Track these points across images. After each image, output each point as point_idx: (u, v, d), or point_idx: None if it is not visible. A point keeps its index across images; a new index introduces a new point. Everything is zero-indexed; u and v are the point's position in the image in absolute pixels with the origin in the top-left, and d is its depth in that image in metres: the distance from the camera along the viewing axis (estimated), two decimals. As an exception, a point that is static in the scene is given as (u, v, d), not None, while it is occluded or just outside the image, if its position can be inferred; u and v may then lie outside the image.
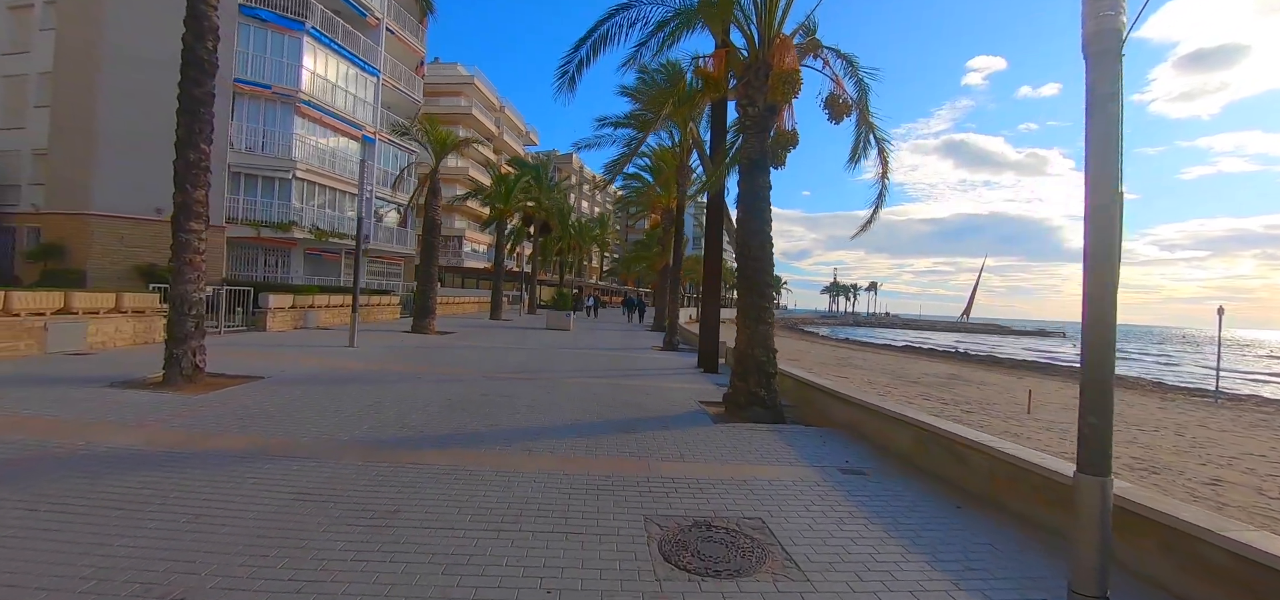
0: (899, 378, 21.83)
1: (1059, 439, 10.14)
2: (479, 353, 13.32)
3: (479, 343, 15.90)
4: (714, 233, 12.23)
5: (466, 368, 10.75)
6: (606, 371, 11.36)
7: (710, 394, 9.20)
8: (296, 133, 23.94)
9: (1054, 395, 18.65)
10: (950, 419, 7.98)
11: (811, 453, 5.86)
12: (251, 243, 23.47)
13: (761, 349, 7.49)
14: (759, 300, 7.56)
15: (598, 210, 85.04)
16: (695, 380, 10.86)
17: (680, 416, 7.37)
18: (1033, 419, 12.80)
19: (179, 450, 4.79)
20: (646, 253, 41.63)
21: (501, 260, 27.97)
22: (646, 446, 5.75)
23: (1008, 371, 29.40)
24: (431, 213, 17.73)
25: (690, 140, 17.40)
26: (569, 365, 11.90)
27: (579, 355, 13.94)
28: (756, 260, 7.60)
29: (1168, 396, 22.34)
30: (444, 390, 8.24)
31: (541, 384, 9.30)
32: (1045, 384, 23.38)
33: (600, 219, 69.21)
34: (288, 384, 7.97)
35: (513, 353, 13.66)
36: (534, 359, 12.64)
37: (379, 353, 12.26)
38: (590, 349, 15.90)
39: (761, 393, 7.40)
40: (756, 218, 7.65)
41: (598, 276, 77.88)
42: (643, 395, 8.78)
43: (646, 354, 15.52)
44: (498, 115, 62.31)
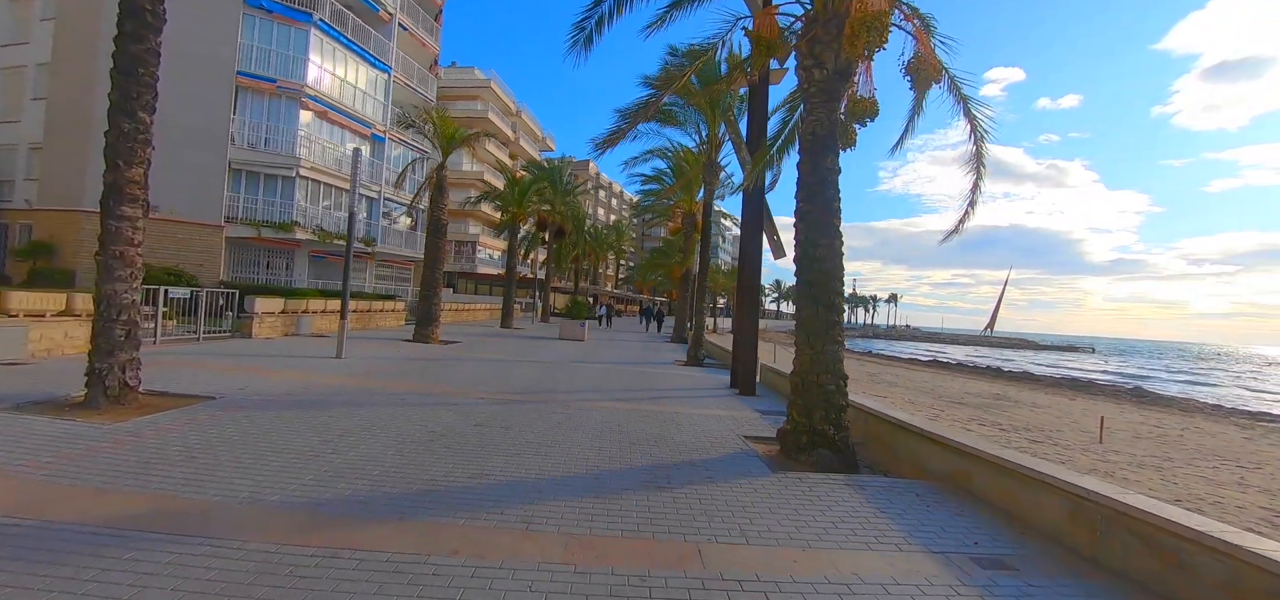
0: (941, 397, 19.88)
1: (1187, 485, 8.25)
2: (483, 367, 11.82)
3: (485, 354, 14.43)
4: (751, 234, 10.63)
5: (465, 386, 9.25)
6: (626, 392, 9.79)
7: (754, 425, 7.58)
8: (301, 129, 22.84)
9: (1117, 420, 16.65)
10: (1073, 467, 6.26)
11: (920, 524, 4.21)
12: (252, 243, 22.36)
13: (830, 375, 5.86)
14: (827, 314, 5.93)
15: (614, 217, 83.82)
16: (731, 405, 9.23)
17: (726, 460, 5.75)
18: (1115, 452, 10.91)
19: (16, 519, 3.30)
20: (665, 260, 40.06)
21: (514, 266, 26.60)
22: (690, 512, 4.15)
23: (1053, 391, 27.18)
24: (437, 213, 16.36)
25: (717, 138, 15.86)
26: (583, 383, 10.35)
27: (594, 370, 12.38)
28: (822, 264, 5.99)
29: (1242, 424, 20.06)
30: (431, 418, 6.72)
31: (550, 409, 7.75)
32: (1099, 405, 21.23)
33: (616, 226, 67.96)
34: (240, 408, 6.51)
35: (520, 367, 12.15)
36: (544, 375, 11.11)
37: (369, 365, 10.82)
38: (607, 363, 14.35)
39: (829, 431, 5.76)
40: (822, 209, 6.05)
41: (613, 284, 76.49)
42: (673, 426, 7.18)
43: (669, 370, 13.92)
44: (514, 120, 61.52)
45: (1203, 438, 14.25)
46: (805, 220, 6.13)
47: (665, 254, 41.86)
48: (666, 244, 43.69)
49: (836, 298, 5.98)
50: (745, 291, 10.65)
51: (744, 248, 11.11)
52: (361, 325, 19.19)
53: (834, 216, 6.05)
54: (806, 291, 6.07)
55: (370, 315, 19.87)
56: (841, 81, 6.00)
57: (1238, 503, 7.27)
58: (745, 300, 10.62)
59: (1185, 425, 17.14)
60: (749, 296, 10.59)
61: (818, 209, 6.05)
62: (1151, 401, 28.06)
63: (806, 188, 6.14)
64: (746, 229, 11.15)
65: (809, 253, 6.05)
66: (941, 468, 5.43)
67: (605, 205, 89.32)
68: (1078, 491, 4.00)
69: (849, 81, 6.01)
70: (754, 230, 10.62)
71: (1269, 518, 6.71)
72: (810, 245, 6.04)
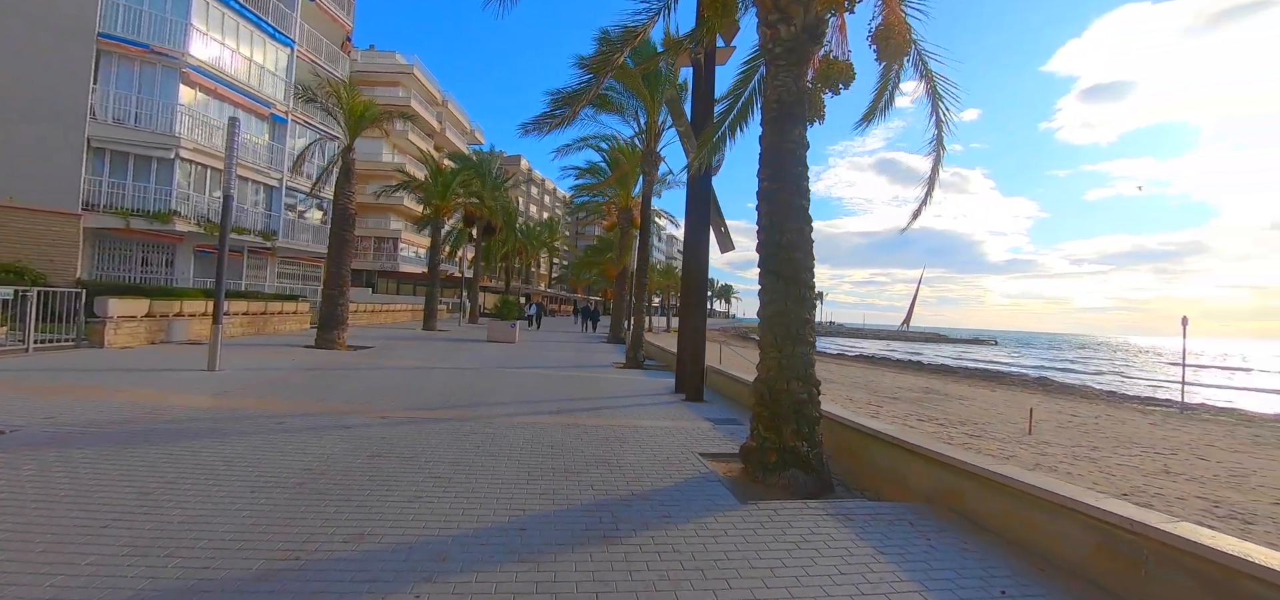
0: (877, 392, 20.03)
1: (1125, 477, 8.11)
2: (393, 376, 10.27)
3: (399, 361, 12.78)
4: (697, 225, 9.77)
5: (367, 401, 7.77)
6: (561, 401, 8.65)
7: (709, 438, 6.66)
8: (183, 105, 19.87)
9: (1037, 410, 17.30)
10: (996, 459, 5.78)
11: (930, 568, 3.40)
12: (121, 236, 19.17)
13: (801, 382, 5.02)
14: (797, 310, 5.09)
15: (547, 214, 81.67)
16: (679, 413, 8.30)
17: (684, 489, 4.77)
18: (1048, 444, 10.93)
19: None
20: (599, 258, 38.95)
21: (437, 263, 24.59)
22: (648, 575, 3.12)
23: (973, 382, 28.44)
24: (343, 201, 14.44)
25: (657, 126, 14.97)
26: (512, 393, 9.10)
27: (525, 377, 11.12)
28: (791, 252, 5.14)
29: (1141, 410, 21.54)
30: (312, 448, 5.30)
31: (469, 428, 6.49)
32: (1017, 396, 22.20)
33: (549, 223, 66.11)
34: (41, 445, 4.84)
35: (439, 374, 10.69)
36: (466, 384, 9.75)
37: (248, 380, 9.03)
38: (539, 368, 13.09)
39: (801, 448, 4.91)
40: (790, 189, 5.20)
41: (547, 283, 74.42)
42: (617, 445, 6.13)
43: (608, 374, 12.87)
44: (440, 110, 58.27)
45: (1115, 425, 14.87)
46: (770, 201, 5.26)
47: (600, 251, 40.74)
48: (601, 241, 42.57)
49: (807, 290, 5.16)
50: (691, 288, 9.77)
51: (689, 240, 10.25)
52: (255, 330, 16.81)
53: (803, 197, 5.22)
54: (772, 284, 5.20)
55: (266, 318, 17.47)
56: (811, 42, 5.18)
57: (1176, 493, 7.16)
58: (691, 298, 9.74)
59: (1096, 413, 17.98)
60: (695, 293, 9.72)
61: (784, 188, 5.20)
62: (1057, 390, 30.03)
63: (771, 164, 5.27)
64: (691, 220, 10.29)
65: (774, 239, 5.19)
66: (927, 485, 4.71)
67: (538, 202, 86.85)
68: (1107, 519, 3.32)
69: (819, 42, 5.20)
70: (700, 221, 9.76)
71: (1208, 508, 6.57)
72: (776, 230, 5.18)
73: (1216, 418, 18.99)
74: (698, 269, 9.64)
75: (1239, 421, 18.63)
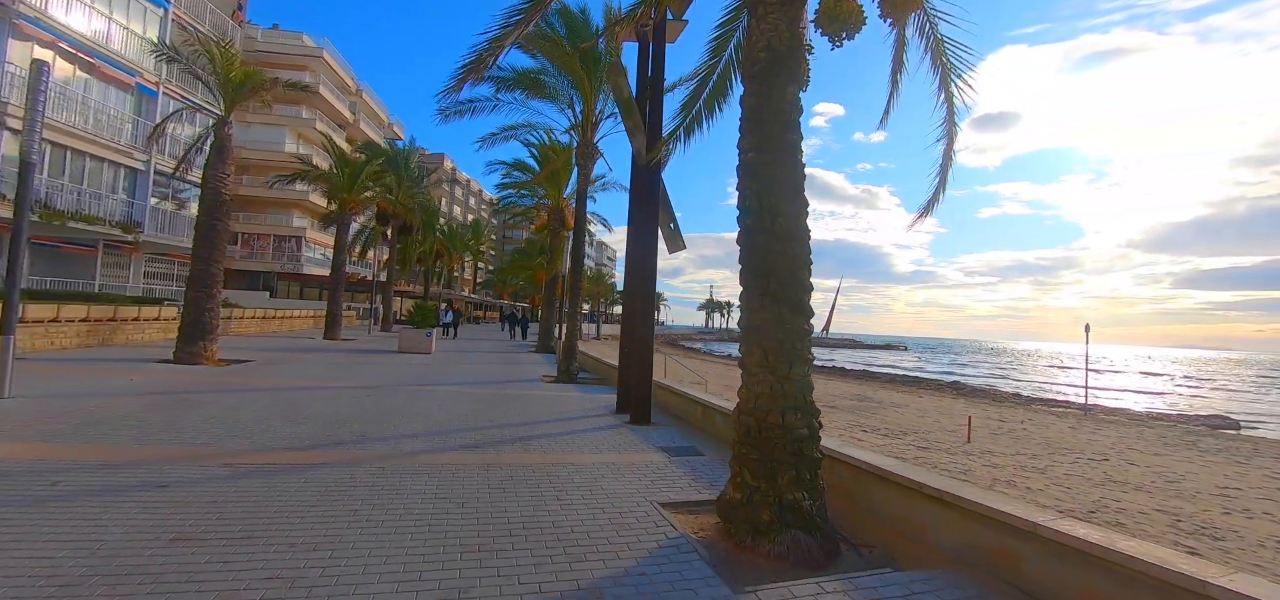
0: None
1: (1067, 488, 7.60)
2: (267, 402, 8.21)
3: (280, 380, 10.56)
4: (643, 221, 8.48)
5: (216, 440, 5.83)
6: (481, 429, 7.04)
7: (668, 478, 5.34)
8: (12, 64, 16.26)
9: (964, 415, 17.47)
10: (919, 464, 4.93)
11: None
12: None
13: (800, 414, 3.82)
14: (794, 319, 3.89)
15: (472, 217, 77.92)
16: (627, 442, 6.94)
17: (648, 566, 3.41)
18: (990, 453, 10.53)
19: None
20: (528, 261, 36.93)
21: (342, 264, 21.83)
22: None
23: (899, 388, 29.03)
24: (215, 184, 11.96)
25: (594, 114, 13.60)
26: (418, 420, 7.37)
27: (438, 398, 9.36)
28: (785, 245, 3.96)
29: (1052, 413, 22.53)
30: (87, 522, 3.48)
31: (351, 479, 4.80)
32: (943, 402, 22.61)
33: (474, 225, 62.89)
34: None
35: (328, 397, 8.72)
36: (360, 410, 7.88)
37: (48, 412, 6.74)
38: (457, 384, 11.29)
39: (802, 500, 3.71)
40: (783, 163, 4.02)
41: (472, 288, 70.77)
42: (552, 495, 4.67)
43: (537, 391, 11.29)
44: (354, 99, 53.90)
45: (1040, 429, 15.04)
46: (756, 178, 4.05)
47: (528, 255, 38.68)
48: (530, 243, 40.50)
49: (805, 294, 3.98)
50: (637, 293, 8.46)
51: (634, 238, 8.95)
52: (99, 341, 13.74)
53: (799, 173, 4.06)
54: (759, 286, 3.98)
55: (117, 327, 14.38)
56: (808, -25, 4.04)
57: (1136, 507, 6.71)
58: (637, 303, 8.43)
59: (1019, 417, 18.33)
60: (642, 299, 8.41)
61: (776, 161, 4.01)
62: (971, 393, 31.37)
63: (757, 131, 4.07)
64: (637, 216, 9.00)
65: (764, 226, 3.97)
66: (956, 542, 3.64)
67: (463, 204, 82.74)
68: None
69: (817, -23, 4.06)
70: (647, 217, 8.48)
71: (1172, 524, 6.09)
72: (766, 216, 3.97)
73: (1115, 419, 20.16)
74: (645, 270, 8.34)
75: (1135, 422, 19.81)
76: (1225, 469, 10.33)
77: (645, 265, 8.33)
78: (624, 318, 9.13)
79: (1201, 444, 14.40)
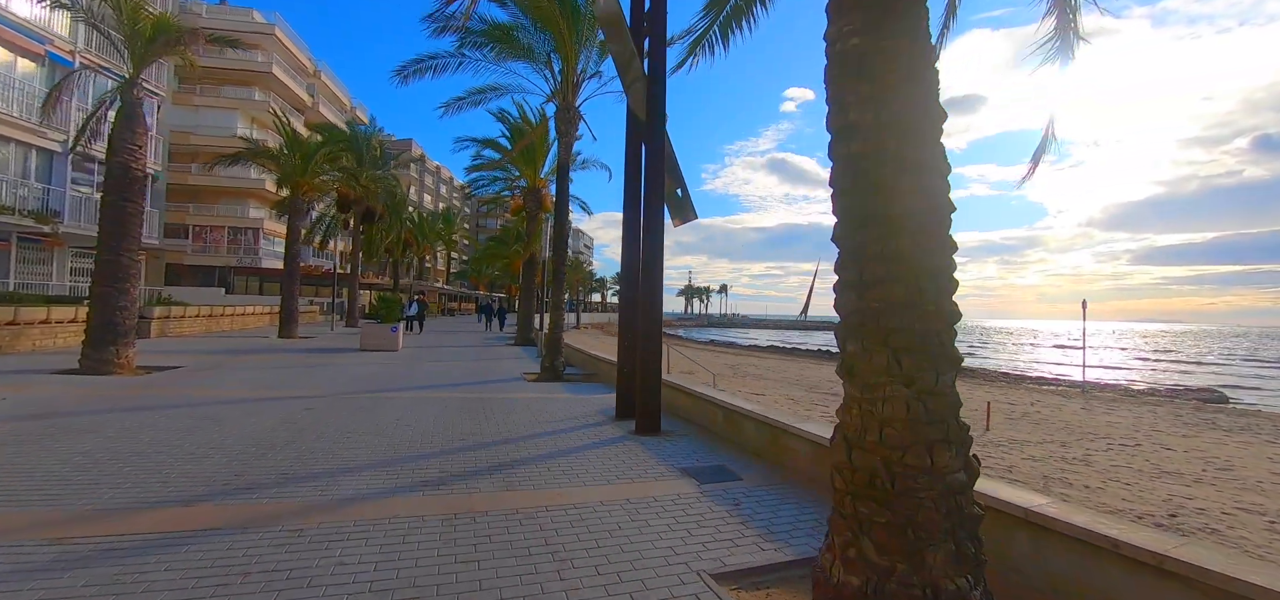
0: (816, 389, 18.41)
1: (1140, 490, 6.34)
2: (175, 425, 6.47)
3: (209, 391, 8.78)
4: (651, 176, 6.93)
5: (63, 498, 4.13)
6: (448, 454, 5.47)
7: (708, 524, 3.85)
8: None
9: (971, 398, 16.50)
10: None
11: None
12: None
13: (950, 448, 2.37)
14: (932, 321, 2.43)
15: (444, 206, 75.11)
16: (637, 464, 5.43)
17: None
18: (1022, 442, 9.36)
19: None
20: (504, 249, 35.01)
21: (296, 254, 19.73)
22: None
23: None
24: (124, 159, 9.99)
25: (576, 74, 11.91)
26: (366, 445, 5.75)
27: (397, 410, 7.71)
28: (918, 173, 2.48)
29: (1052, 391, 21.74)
30: None
31: (243, 561, 3.19)
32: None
33: (445, 214, 60.36)
34: None
35: (255, 416, 7.00)
36: (293, 433, 6.21)
37: None
38: (422, 388, 9.64)
39: (963, 587, 2.27)
40: (908, 54, 2.53)
41: (445, 280, 68.26)
42: (553, 568, 3.14)
43: (517, 390, 9.72)
44: (311, 81, 50.83)
45: (1052, 412, 14.10)
46: (869, 75, 2.55)
47: (504, 242, 36.71)
48: (505, 230, 38.52)
49: (949, 261, 2.53)
50: (641, 274, 6.91)
51: (633, 211, 7.41)
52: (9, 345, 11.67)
53: (931, 71, 2.58)
54: (881, 247, 2.50)
55: (16, 331, 12.27)
56: None
57: (1219, 508, 5.56)
58: (642, 285, 6.88)
59: (1030, 400, 17.36)
60: (646, 279, 6.87)
61: (900, 51, 2.52)
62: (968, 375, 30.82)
63: (865, 65, 2.56)
64: (636, 183, 7.46)
65: (885, 151, 2.49)
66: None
67: (433, 191, 79.71)
68: None
69: None
70: (652, 184, 6.93)
71: (1270, 527, 4.96)
72: (889, 133, 2.48)
73: (1117, 397, 19.49)
74: (650, 246, 6.79)
75: (1135, 399, 19.12)
76: (1264, 450, 9.52)
77: (651, 242, 6.78)
78: (622, 305, 7.60)
79: (1220, 422, 13.62)
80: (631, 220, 7.52)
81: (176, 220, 42.24)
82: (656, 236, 6.79)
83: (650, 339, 6.72)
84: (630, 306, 7.45)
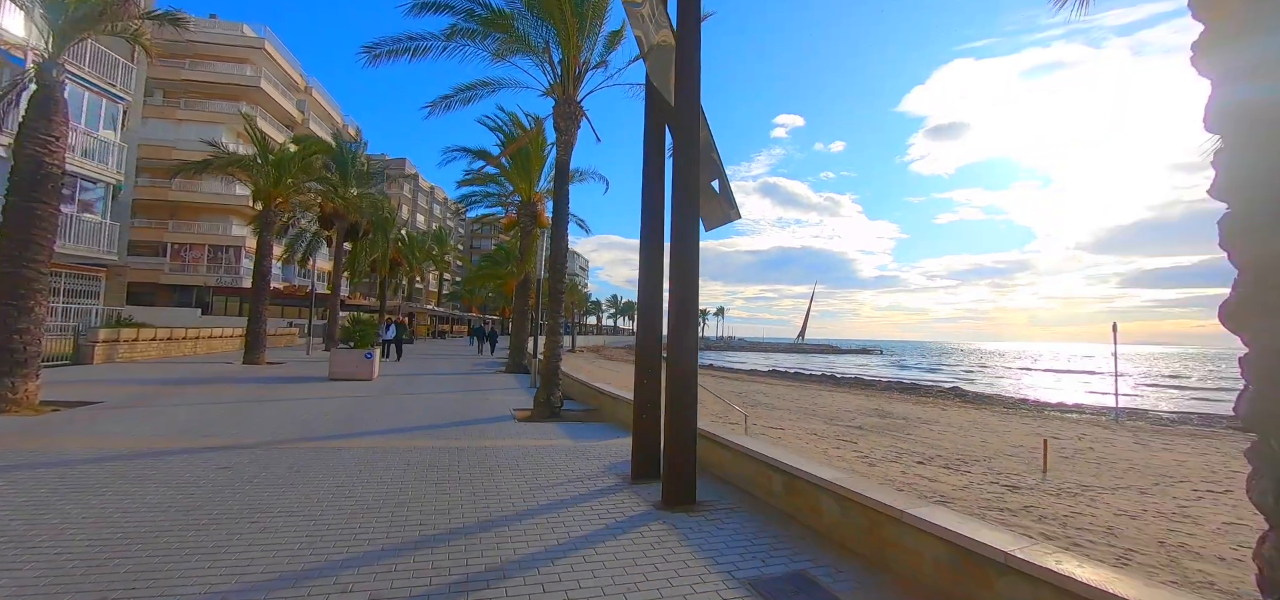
0: (834, 420, 16.59)
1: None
2: (36, 496, 4.65)
3: (119, 440, 6.93)
4: (682, 171, 5.25)
5: None
6: (394, 561, 3.69)
7: None
8: None
9: (999, 429, 14.81)
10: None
11: None
12: None
13: None
14: None
15: (437, 225, 73.47)
16: (680, 576, 3.66)
17: None
18: (1094, 487, 7.67)
19: None
20: (497, 269, 33.26)
21: (265, 271, 17.91)
22: None
23: (915, 400, 26.33)
24: (34, 149, 8.27)
25: (578, 62, 10.34)
26: (294, 532, 3.95)
27: (344, 467, 5.90)
28: None
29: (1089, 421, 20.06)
30: None
31: None
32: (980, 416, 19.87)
33: (437, 233, 58.68)
34: None
35: (151, 484, 5.19)
36: (186, 518, 4.40)
37: None
38: (387, 432, 7.82)
39: None
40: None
41: (437, 301, 66.29)
42: None
43: (505, 435, 7.92)
44: (302, 97, 49.53)
45: (1106, 448, 12.49)
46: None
47: (497, 262, 34.98)
48: (499, 249, 36.83)
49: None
50: (676, 281, 5.18)
51: (656, 206, 5.73)
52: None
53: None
54: None
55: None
56: None
57: None
58: (672, 304, 5.14)
59: (1078, 433, 15.61)
60: (678, 294, 5.15)
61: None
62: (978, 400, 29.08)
63: None
64: (657, 172, 5.80)
65: None
66: None
67: (427, 212, 78.14)
68: None
69: None
70: (681, 171, 5.26)
71: None
72: None
73: (1158, 427, 17.92)
74: (680, 253, 5.09)
75: (1176, 430, 17.51)
76: None
77: (682, 248, 5.07)
78: (640, 329, 5.86)
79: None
80: (652, 225, 5.83)
81: (154, 237, 40.42)
82: (690, 241, 5.08)
83: (682, 377, 4.98)
84: (650, 331, 5.72)
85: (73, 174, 18.59)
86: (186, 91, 42.32)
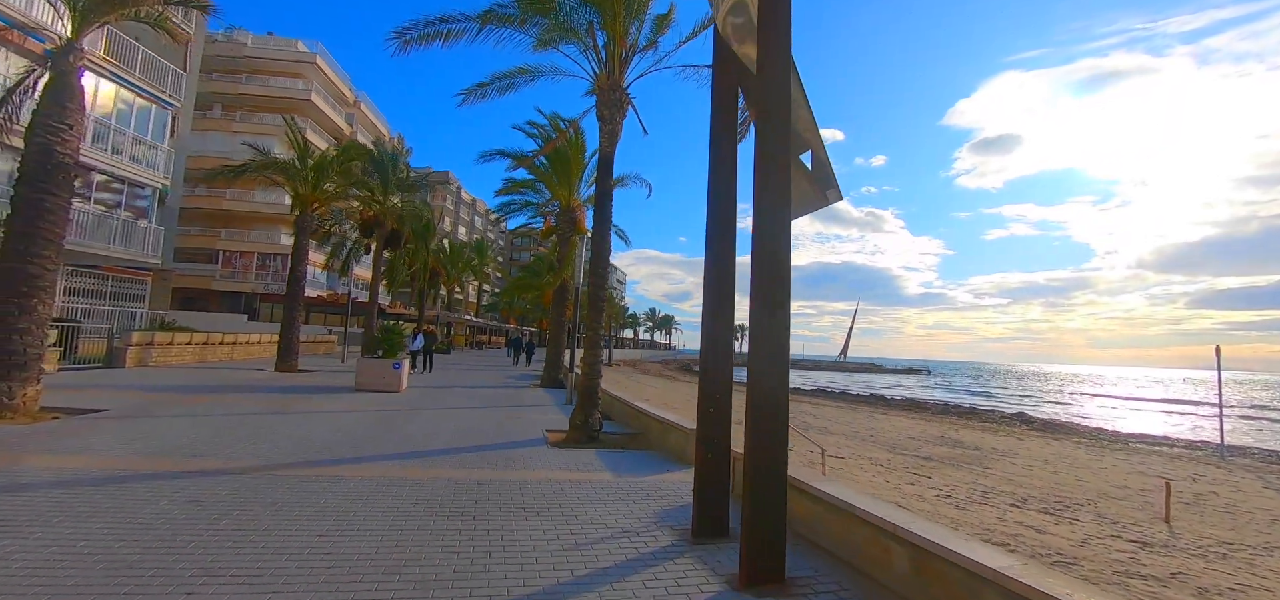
0: (898, 449, 14.75)
1: None
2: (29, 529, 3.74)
3: (103, 458, 6.10)
4: (769, 143, 4.00)
5: None
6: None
7: None
8: None
9: (1090, 465, 12.76)
10: None
11: None
12: None
13: None
14: None
15: (478, 237, 74.16)
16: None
17: None
18: (1239, 547, 5.86)
19: None
20: (535, 280, 32.59)
21: (300, 277, 17.51)
22: None
23: (981, 427, 23.97)
24: (44, 136, 7.72)
25: (625, 42, 9.27)
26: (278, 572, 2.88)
27: (342, 505, 4.84)
28: None
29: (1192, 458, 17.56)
30: None
31: None
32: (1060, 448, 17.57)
33: (478, 244, 58.92)
34: None
35: (104, 523, 4.25)
36: (114, 575, 3.40)
37: None
38: (403, 456, 6.79)
39: None
40: None
41: (475, 311, 66.60)
42: None
43: (536, 466, 6.76)
44: (351, 110, 50.60)
45: (1231, 491, 10.49)
46: None
47: (535, 273, 34.33)
48: (537, 260, 36.23)
49: None
50: (761, 280, 3.91)
51: (727, 188, 4.51)
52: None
53: None
54: None
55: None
56: None
57: None
58: (756, 312, 3.88)
59: (1190, 474, 13.39)
60: (763, 301, 3.88)
61: None
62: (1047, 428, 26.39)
63: None
64: (728, 146, 4.58)
65: None
66: None
67: (468, 224, 79.09)
68: None
69: None
70: (767, 143, 4.01)
71: None
72: None
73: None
74: (765, 246, 3.83)
75: None
76: None
77: (769, 239, 3.81)
78: (704, 344, 4.61)
79: None
80: (721, 214, 4.59)
81: (207, 244, 41.70)
82: (780, 228, 3.82)
83: (767, 404, 3.69)
84: (717, 345, 4.46)
85: (122, 178, 18.72)
86: (242, 105, 43.76)
